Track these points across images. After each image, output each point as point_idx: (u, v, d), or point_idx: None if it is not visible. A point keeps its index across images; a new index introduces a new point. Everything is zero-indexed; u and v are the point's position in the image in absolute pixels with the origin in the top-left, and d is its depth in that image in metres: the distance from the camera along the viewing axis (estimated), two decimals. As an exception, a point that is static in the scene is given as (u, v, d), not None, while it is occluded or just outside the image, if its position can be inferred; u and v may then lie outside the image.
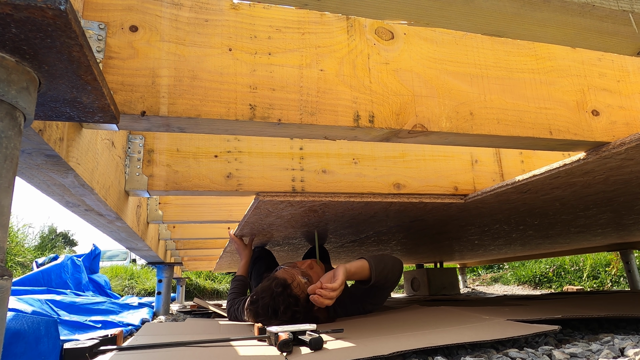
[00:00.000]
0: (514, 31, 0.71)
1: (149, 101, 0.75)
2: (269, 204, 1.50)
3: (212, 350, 1.25)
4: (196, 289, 7.30)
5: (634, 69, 1.12)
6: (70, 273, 3.85)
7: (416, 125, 0.89)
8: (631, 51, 0.76)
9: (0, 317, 0.43)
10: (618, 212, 1.85)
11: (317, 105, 0.85)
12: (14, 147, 0.46)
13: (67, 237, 12.75)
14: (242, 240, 2.32)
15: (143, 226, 1.95)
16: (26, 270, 5.40)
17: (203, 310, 3.38)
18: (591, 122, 1.02)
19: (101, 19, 0.77)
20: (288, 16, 0.88)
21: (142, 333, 1.71)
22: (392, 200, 1.54)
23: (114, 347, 1.25)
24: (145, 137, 1.40)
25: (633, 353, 0.97)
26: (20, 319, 1.13)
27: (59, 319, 1.80)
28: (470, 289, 6.39)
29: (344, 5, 0.63)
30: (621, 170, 1.17)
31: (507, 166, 1.70)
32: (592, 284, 5.36)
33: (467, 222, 2.06)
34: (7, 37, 0.43)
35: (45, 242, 8.21)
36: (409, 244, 2.97)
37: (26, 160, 0.77)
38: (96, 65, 0.52)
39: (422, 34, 0.97)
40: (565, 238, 2.80)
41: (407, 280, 4.87)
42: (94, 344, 1.19)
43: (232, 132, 0.86)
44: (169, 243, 3.25)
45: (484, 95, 0.96)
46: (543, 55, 1.04)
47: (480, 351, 1.15)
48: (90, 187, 0.97)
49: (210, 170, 1.41)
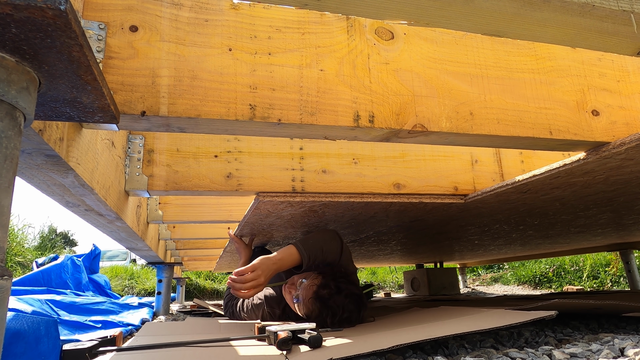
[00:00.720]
0: (514, 31, 0.71)
1: (149, 101, 0.75)
2: (269, 204, 1.50)
3: (212, 350, 1.25)
4: (196, 289, 7.30)
5: (634, 69, 1.12)
6: (70, 273, 3.85)
7: (416, 125, 0.89)
8: (631, 51, 0.76)
9: (0, 317, 0.43)
10: (618, 212, 1.85)
11: (317, 105, 0.85)
12: (14, 147, 0.46)
13: (67, 237, 12.75)
14: (242, 240, 2.31)
15: (143, 226, 1.95)
16: (26, 270, 5.40)
17: (203, 310, 3.38)
18: (591, 122, 1.02)
19: (101, 19, 0.77)
20: (288, 16, 0.88)
21: (142, 333, 1.71)
22: (392, 200, 1.54)
23: (113, 348, 1.25)
24: (145, 137, 1.40)
25: (633, 353, 0.97)
26: (20, 319, 1.13)
27: (59, 319, 1.80)
28: (470, 289, 6.39)
29: (344, 5, 0.63)
30: (621, 170, 1.17)
31: (507, 166, 1.70)
32: (592, 284, 5.36)
33: (467, 222, 2.06)
34: (7, 37, 0.43)
35: (45, 242, 8.21)
36: (409, 244, 2.97)
37: (26, 160, 0.77)
38: (96, 65, 0.52)
39: (422, 34, 0.97)
40: (565, 238, 2.80)
41: (407, 280, 4.87)
42: (93, 345, 1.19)
43: (232, 132, 0.86)
44: (169, 243, 3.25)
45: (484, 95, 0.96)
46: (543, 55, 1.04)
47: (480, 351, 1.15)
48: (90, 187, 0.97)
49: (210, 170, 1.41)
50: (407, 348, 1.24)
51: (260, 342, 1.35)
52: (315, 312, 1.57)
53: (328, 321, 1.56)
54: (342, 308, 1.56)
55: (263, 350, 1.22)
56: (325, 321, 1.56)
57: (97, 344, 1.21)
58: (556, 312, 1.22)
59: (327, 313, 1.55)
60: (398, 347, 1.02)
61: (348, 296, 1.59)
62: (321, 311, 1.56)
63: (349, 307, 1.57)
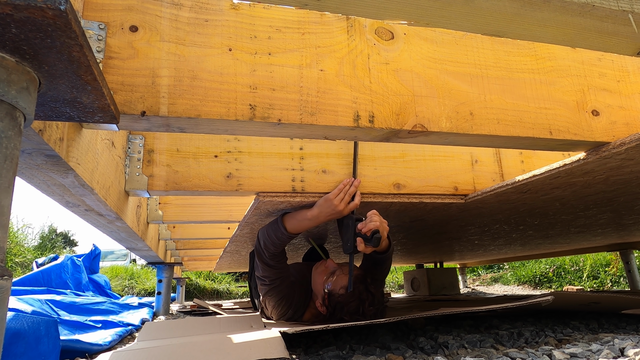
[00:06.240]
0: (514, 31, 0.71)
1: (149, 101, 0.75)
2: (269, 204, 1.50)
3: (211, 342, 1.25)
4: (196, 289, 7.30)
5: (634, 69, 1.12)
6: (70, 273, 3.85)
7: (416, 125, 0.89)
8: (631, 51, 0.76)
9: (0, 317, 0.43)
10: (618, 212, 1.85)
11: (317, 105, 0.85)
12: (14, 147, 0.46)
13: (67, 237, 12.75)
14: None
15: (143, 226, 1.95)
16: (26, 270, 5.40)
17: (203, 310, 3.39)
18: (591, 122, 1.02)
19: (101, 19, 0.77)
20: (288, 16, 0.88)
21: (143, 337, 1.68)
22: (392, 200, 1.54)
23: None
24: (145, 137, 1.40)
25: (633, 353, 0.97)
26: (20, 319, 1.13)
27: (59, 319, 1.80)
28: (470, 289, 6.39)
29: (344, 5, 0.63)
30: (621, 170, 1.17)
31: (507, 166, 1.70)
32: (592, 284, 5.36)
33: (467, 222, 2.06)
34: (7, 37, 0.43)
35: (45, 242, 8.22)
36: (409, 244, 2.97)
37: (26, 160, 0.77)
38: (96, 65, 0.52)
39: (422, 34, 0.97)
40: (565, 238, 2.80)
41: (407, 280, 4.87)
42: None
43: (232, 132, 0.86)
44: (169, 243, 3.25)
45: (484, 95, 0.96)
46: (543, 55, 1.04)
47: (480, 351, 1.15)
48: (90, 187, 0.97)
49: (210, 170, 1.41)
50: (406, 348, 1.24)
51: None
52: (344, 298, 1.59)
53: (350, 310, 1.57)
54: (371, 300, 1.59)
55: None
56: (343, 311, 1.58)
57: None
58: (552, 297, 1.23)
59: (356, 300, 1.57)
60: (398, 347, 1.03)
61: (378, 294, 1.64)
62: (348, 299, 1.58)
63: (375, 302, 1.60)
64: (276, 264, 1.74)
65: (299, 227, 1.57)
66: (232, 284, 8.21)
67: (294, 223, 1.58)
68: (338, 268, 1.73)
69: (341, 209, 1.45)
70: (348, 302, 1.58)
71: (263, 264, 1.74)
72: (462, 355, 1.11)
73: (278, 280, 1.77)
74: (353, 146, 1.54)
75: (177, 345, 1.29)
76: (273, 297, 1.82)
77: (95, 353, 1.53)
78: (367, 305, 1.56)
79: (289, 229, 1.59)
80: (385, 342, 1.37)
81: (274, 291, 1.80)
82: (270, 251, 1.68)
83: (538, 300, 1.20)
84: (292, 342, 1.47)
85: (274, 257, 1.72)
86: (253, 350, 1.15)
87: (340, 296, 1.60)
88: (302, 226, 1.56)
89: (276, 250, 1.69)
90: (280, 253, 1.73)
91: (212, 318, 1.99)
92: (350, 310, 1.57)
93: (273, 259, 1.72)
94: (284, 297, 1.81)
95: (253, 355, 1.12)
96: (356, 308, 1.56)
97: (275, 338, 1.22)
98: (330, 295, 1.63)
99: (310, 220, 1.53)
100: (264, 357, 1.12)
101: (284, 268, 1.79)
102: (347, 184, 1.46)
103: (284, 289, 1.80)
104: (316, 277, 1.79)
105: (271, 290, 1.80)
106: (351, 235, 1.47)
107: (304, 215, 1.54)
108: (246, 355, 1.13)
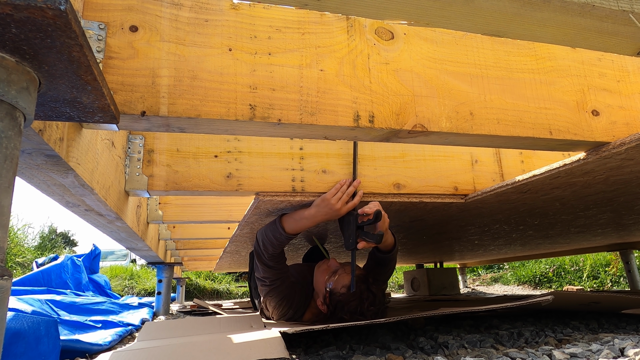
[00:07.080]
0: (514, 31, 0.71)
1: (149, 101, 0.75)
2: (269, 204, 1.50)
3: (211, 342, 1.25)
4: (196, 289, 7.30)
5: (634, 69, 1.12)
6: (70, 273, 3.85)
7: (416, 125, 0.89)
8: (631, 51, 0.76)
9: (0, 317, 0.43)
10: (618, 212, 1.85)
11: (317, 105, 0.85)
12: (14, 147, 0.46)
13: (67, 237, 12.75)
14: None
15: (143, 226, 1.95)
16: (26, 270, 5.40)
17: (203, 310, 3.39)
18: (591, 122, 1.02)
19: (101, 19, 0.77)
20: (288, 16, 0.88)
21: (143, 337, 1.68)
22: (392, 200, 1.54)
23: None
24: (145, 137, 1.40)
25: (633, 353, 0.97)
26: (20, 319, 1.13)
27: (59, 319, 1.80)
28: (470, 289, 6.39)
29: (344, 5, 0.63)
30: (621, 170, 1.17)
31: (507, 166, 1.70)
32: (592, 284, 5.36)
33: (467, 222, 2.06)
34: (7, 37, 0.43)
35: (45, 242, 8.21)
36: (409, 244, 2.97)
37: (26, 160, 0.77)
38: (96, 65, 0.52)
39: (422, 34, 0.97)
40: (565, 238, 2.80)
41: (407, 280, 4.87)
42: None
43: (232, 132, 0.86)
44: (169, 243, 3.25)
45: (484, 95, 0.96)
46: (543, 55, 1.04)
47: (480, 351, 1.15)
48: (90, 187, 0.97)
49: (210, 170, 1.41)
50: (406, 348, 1.24)
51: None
52: (345, 297, 1.59)
53: (349, 309, 1.58)
54: (372, 299, 1.59)
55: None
56: (343, 310, 1.58)
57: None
58: (552, 297, 1.23)
59: (356, 300, 1.58)
60: (398, 347, 1.04)
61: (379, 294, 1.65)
62: (348, 298, 1.58)
63: (376, 302, 1.61)
64: (276, 264, 1.74)
65: (297, 227, 1.57)
66: (232, 284, 8.21)
67: (292, 223, 1.57)
68: (340, 267, 1.73)
69: (338, 207, 1.45)
70: (349, 301, 1.58)
71: (263, 265, 1.74)
72: (462, 355, 1.11)
73: (278, 281, 1.77)
74: (353, 146, 1.54)
75: (177, 345, 1.29)
76: (274, 298, 1.82)
77: (95, 353, 1.53)
78: (367, 305, 1.56)
79: (287, 230, 1.59)
80: (385, 342, 1.37)
81: (275, 292, 1.80)
82: (269, 252, 1.68)
83: (538, 300, 1.21)
84: (292, 342, 1.47)
85: (273, 258, 1.71)
86: (253, 350, 1.16)
87: (341, 295, 1.60)
88: (300, 226, 1.56)
89: (275, 251, 1.68)
90: (279, 254, 1.73)
91: (212, 318, 1.99)
92: (350, 310, 1.57)
93: (272, 259, 1.72)
94: (285, 298, 1.80)
95: (253, 355, 1.12)
96: (356, 307, 1.56)
97: (275, 338, 1.22)
98: (332, 294, 1.64)
99: (308, 219, 1.52)
100: (264, 357, 1.12)
101: (283, 269, 1.79)
102: (345, 183, 1.46)
103: (285, 290, 1.80)
104: (318, 275, 1.79)
105: (272, 291, 1.80)
106: (352, 231, 1.47)
107: (302, 214, 1.54)
108: (246, 355, 1.13)
